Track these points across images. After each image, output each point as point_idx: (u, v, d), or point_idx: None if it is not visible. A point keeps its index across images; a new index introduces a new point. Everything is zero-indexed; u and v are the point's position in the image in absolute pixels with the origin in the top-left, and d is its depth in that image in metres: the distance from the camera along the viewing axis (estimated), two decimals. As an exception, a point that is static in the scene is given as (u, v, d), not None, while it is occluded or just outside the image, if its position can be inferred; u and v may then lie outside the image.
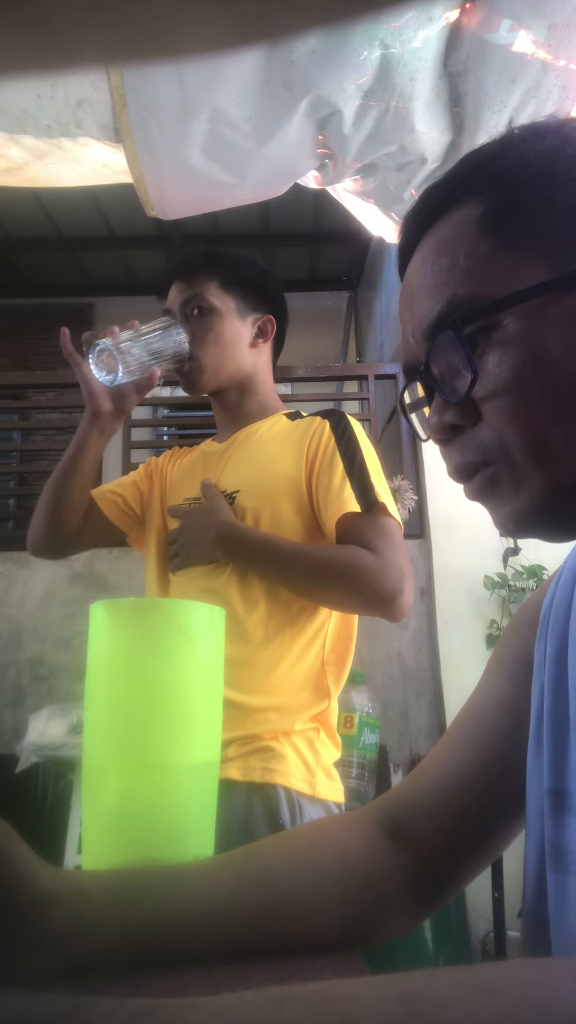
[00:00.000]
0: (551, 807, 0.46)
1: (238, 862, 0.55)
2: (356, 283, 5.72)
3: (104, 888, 0.49)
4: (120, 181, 1.76)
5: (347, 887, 0.54)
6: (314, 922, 0.52)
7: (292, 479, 1.18)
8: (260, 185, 1.81)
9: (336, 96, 1.51)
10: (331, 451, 1.18)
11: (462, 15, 1.41)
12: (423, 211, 0.51)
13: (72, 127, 1.54)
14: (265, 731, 1.09)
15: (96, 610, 0.73)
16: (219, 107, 1.52)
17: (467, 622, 2.96)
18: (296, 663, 1.14)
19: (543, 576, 2.83)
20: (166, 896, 0.49)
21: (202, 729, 0.71)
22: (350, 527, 1.12)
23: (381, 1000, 0.28)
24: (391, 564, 1.09)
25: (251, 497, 1.19)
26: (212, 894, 0.50)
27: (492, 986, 0.28)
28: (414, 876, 0.56)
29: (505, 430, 0.45)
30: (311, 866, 0.55)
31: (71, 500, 1.27)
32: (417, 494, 3.12)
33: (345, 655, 1.20)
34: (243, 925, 0.50)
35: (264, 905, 0.51)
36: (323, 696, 1.16)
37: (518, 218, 0.46)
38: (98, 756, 0.69)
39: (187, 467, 1.35)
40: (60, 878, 0.47)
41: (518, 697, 0.56)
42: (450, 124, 1.59)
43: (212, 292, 1.26)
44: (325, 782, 1.12)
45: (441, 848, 0.57)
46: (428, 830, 0.57)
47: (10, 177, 1.71)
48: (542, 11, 1.39)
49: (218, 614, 0.75)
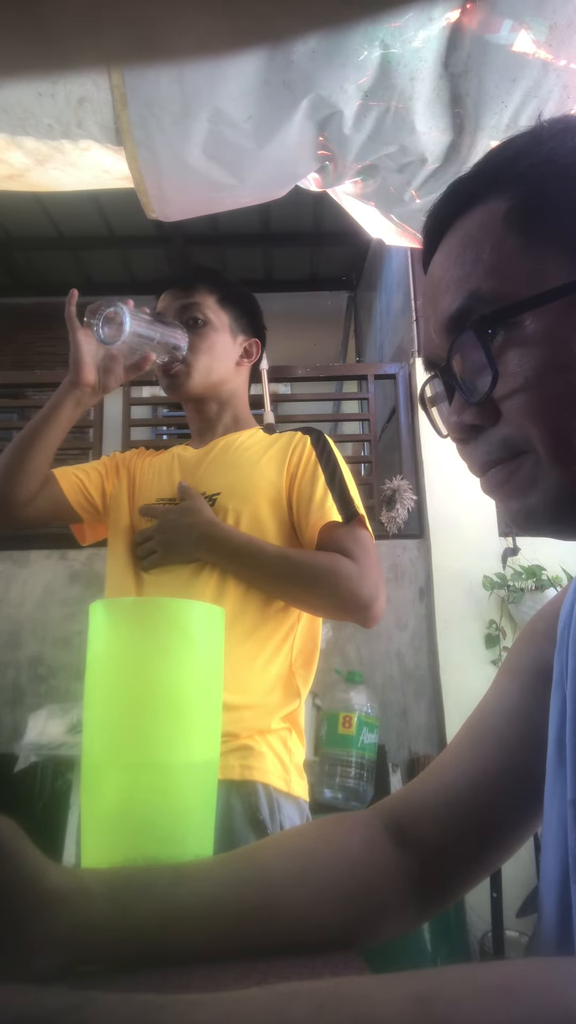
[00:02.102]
0: (575, 818, 0.45)
1: (239, 861, 0.55)
2: (356, 283, 5.72)
3: (106, 886, 0.48)
4: (120, 186, 1.76)
5: (348, 888, 0.54)
6: (313, 922, 0.52)
7: (273, 485, 1.23)
8: (260, 187, 1.81)
9: (336, 96, 1.51)
10: (312, 464, 1.24)
11: (463, 15, 1.41)
12: (449, 205, 0.51)
13: (73, 127, 1.54)
14: (242, 729, 1.12)
15: (95, 609, 0.73)
16: (219, 107, 1.52)
17: (466, 622, 2.96)
18: (268, 663, 1.18)
19: (542, 576, 2.83)
20: (166, 895, 0.49)
21: (201, 728, 0.71)
22: (331, 536, 1.18)
23: (395, 999, 0.27)
24: (368, 572, 1.15)
25: (232, 499, 1.22)
26: (212, 893, 0.50)
27: (507, 985, 0.28)
28: (416, 880, 0.56)
29: (527, 427, 0.45)
30: (312, 866, 0.55)
31: (30, 465, 1.24)
32: (416, 494, 3.12)
33: (311, 657, 1.25)
34: (243, 924, 0.50)
35: (264, 905, 0.51)
36: (294, 696, 1.20)
37: (545, 216, 0.45)
38: (97, 755, 0.69)
39: (160, 468, 1.36)
40: (64, 876, 0.47)
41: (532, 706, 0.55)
42: (451, 124, 1.59)
43: (210, 305, 1.32)
44: (298, 780, 1.17)
45: (445, 853, 0.56)
46: (432, 835, 0.56)
47: (11, 183, 1.71)
48: (543, 11, 1.39)
49: (218, 613, 0.76)
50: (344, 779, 2.38)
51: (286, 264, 5.48)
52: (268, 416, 2.80)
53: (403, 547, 3.11)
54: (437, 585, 3.02)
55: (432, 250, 0.52)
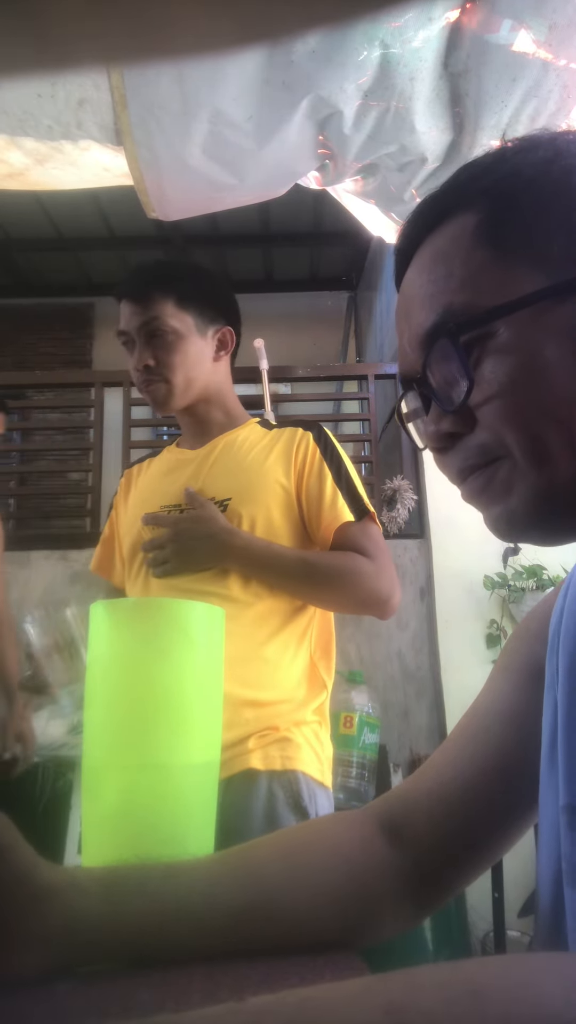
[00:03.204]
0: (567, 823, 0.45)
1: (233, 860, 0.55)
2: (356, 283, 5.72)
3: (99, 884, 0.49)
4: (120, 184, 1.76)
5: (342, 887, 0.54)
6: (308, 921, 0.52)
7: (283, 487, 1.23)
8: (260, 186, 1.81)
9: (336, 96, 1.51)
10: (318, 462, 1.24)
11: (462, 15, 1.41)
12: (419, 222, 0.52)
13: (73, 128, 1.54)
14: (280, 723, 1.15)
15: (96, 610, 0.73)
16: (219, 107, 1.52)
17: (467, 622, 2.96)
18: (294, 659, 1.20)
19: (543, 576, 2.83)
20: (160, 893, 0.49)
21: (202, 729, 0.71)
22: (345, 535, 1.20)
23: (365, 1010, 0.28)
24: (384, 567, 1.19)
25: (244, 504, 1.21)
26: (207, 891, 0.50)
27: (478, 990, 0.28)
28: (412, 878, 0.56)
29: (503, 432, 0.46)
30: (306, 865, 0.55)
31: None
32: (417, 494, 3.12)
33: (329, 647, 1.28)
34: (238, 923, 0.50)
35: (259, 904, 0.51)
36: (320, 687, 1.23)
37: (513, 228, 0.46)
38: (98, 756, 0.69)
39: (160, 473, 1.34)
40: (57, 874, 0.47)
41: (524, 705, 0.55)
42: (451, 124, 1.59)
43: (169, 313, 1.23)
44: (328, 772, 1.20)
45: (440, 852, 0.56)
46: (427, 833, 0.56)
47: (11, 181, 1.71)
48: (543, 11, 1.39)
49: (218, 614, 0.75)
50: (345, 779, 2.38)
51: (286, 264, 5.48)
52: (269, 416, 2.80)
53: (404, 547, 3.11)
54: (438, 585, 3.02)
55: (404, 267, 0.53)
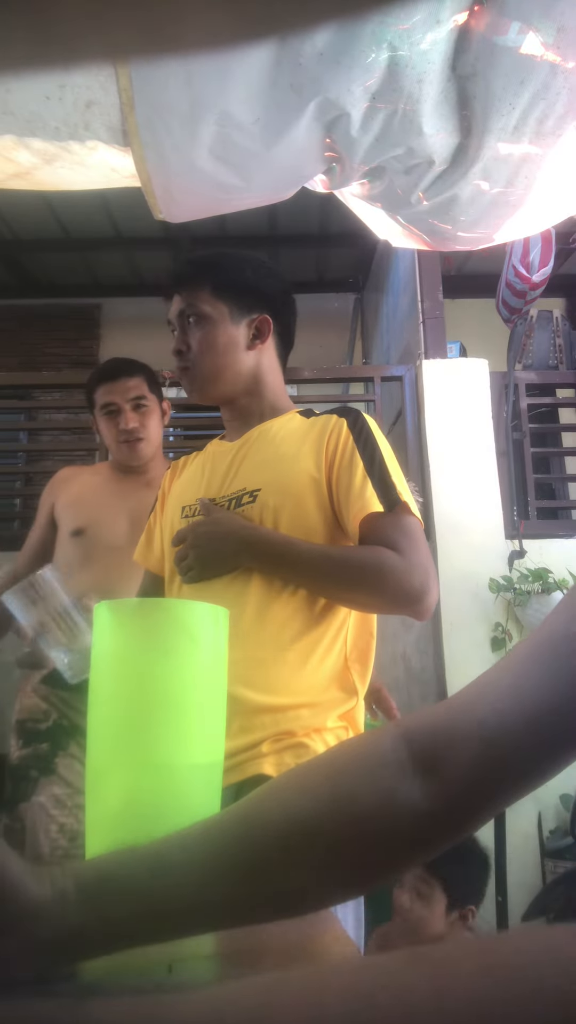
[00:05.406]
0: None
1: (228, 840, 0.51)
2: (362, 285, 5.72)
3: (83, 893, 0.47)
4: (128, 185, 1.76)
5: (358, 854, 0.50)
6: (313, 896, 0.51)
7: (313, 478, 1.17)
8: (267, 188, 1.81)
9: (344, 99, 1.51)
10: (350, 450, 1.17)
11: (470, 17, 1.41)
12: None
13: (80, 129, 1.55)
14: (298, 728, 1.09)
15: (100, 610, 0.73)
16: (227, 109, 1.52)
17: (472, 625, 2.95)
18: (322, 661, 1.14)
19: (548, 579, 2.82)
20: (147, 893, 0.48)
21: (206, 730, 0.71)
22: (373, 527, 1.12)
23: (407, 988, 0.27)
24: (416, 564, 1.10)
25: (274, 495, 1.17)
26: (201, 881, 0.48)
27: (439, 994, 0.27)
28: (442, 823, 0.51)
29: None
30: (320, 839, 0.50)
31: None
32: (423, 496, 3.12)
33: (367, 651, 1.20)
34: (235, 908, 0.49)
35: (259, 892, 0.49)
36: (351, 693, 1.15)
37: None
38: (101, 756, 0.69)
39: (199, 467, 1.32)
40: (41, 886, 0.46)
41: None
42: (458, 127, 1.59)
43: (204, 299, 1.25)
44: None
45: (483, 785, 0.50)
46: (474, 767, 0.50)
47: (19, 181, 1.71)
48: (551, 13, 1.38)
49: (222, 614, 0.75)
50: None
51: (293, 266, 5.48)
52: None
53: (409, 549, 3.11)
54: (443, 587, 3.01)
55: None
